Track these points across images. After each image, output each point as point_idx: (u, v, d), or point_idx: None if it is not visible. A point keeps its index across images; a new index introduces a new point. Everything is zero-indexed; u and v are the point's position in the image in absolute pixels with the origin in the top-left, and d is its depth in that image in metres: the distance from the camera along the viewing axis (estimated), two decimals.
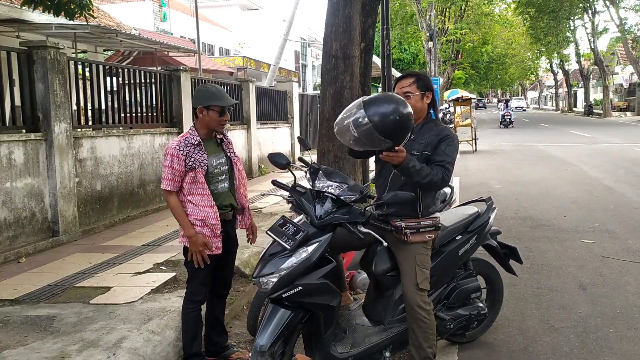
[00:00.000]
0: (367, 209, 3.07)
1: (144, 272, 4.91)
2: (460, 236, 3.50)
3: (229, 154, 3.47)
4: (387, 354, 3.28)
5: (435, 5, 28.42)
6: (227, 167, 3.43)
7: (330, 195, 3.02)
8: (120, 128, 7.76)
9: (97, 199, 6.94)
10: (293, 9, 18.20)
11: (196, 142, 3.27)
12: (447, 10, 31.12)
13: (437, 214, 3.25)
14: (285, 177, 3.94)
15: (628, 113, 42.48)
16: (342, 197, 3.02)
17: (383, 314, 3.28)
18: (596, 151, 16.85)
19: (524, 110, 37.08)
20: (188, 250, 3.34)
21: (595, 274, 5.32)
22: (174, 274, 4.78)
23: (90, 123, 7.18)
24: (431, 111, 3.23)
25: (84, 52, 15.39)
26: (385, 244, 2.96)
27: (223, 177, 3.40)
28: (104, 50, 17.40)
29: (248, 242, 3.75)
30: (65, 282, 4.69)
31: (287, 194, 3.19)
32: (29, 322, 3.80)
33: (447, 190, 4.89)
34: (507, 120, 30.78)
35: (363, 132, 2.76)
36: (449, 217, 3.59)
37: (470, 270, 3.68)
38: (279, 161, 3.30)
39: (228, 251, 3.51)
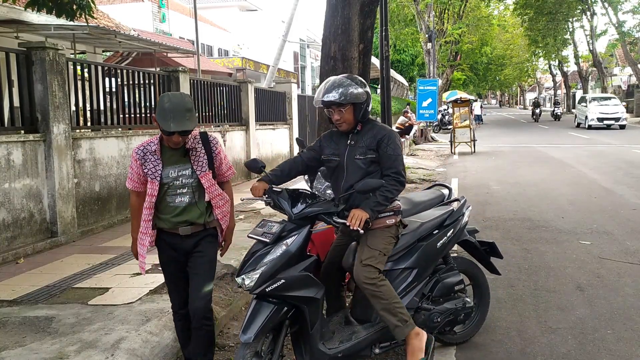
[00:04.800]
0: (340, 199, 3.17)
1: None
2: (437, 231, 3.59)
3: (194, 168, 3.07)
4: (377, 350, 3.31)
5: (433, 6, 28.43)
6: (192, 180, 3.06)
7: (304, 191, 3.16)
8: (119, 129, 7.76)
9: (95, 199, 6.94)
10: (292, 10, 18.23)
11: (152, 150, 3.02)
12: (445, 11, 31.15)
13: (397, 201, 3.30)
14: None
15: (627, 114, 42.49)
16: (315, 192, 3.11)
17: (369, 311, 3.31)
18: (594, 153, 16.87)
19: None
20: None
21: (593, 275, 5.33)
22: None
23: (88, 124, 7.17)
24: (368, 109, 3.25)
25: (83, 52, 15.38)
26: (361, 231, 3.01)
27: (185, 191, 3.06)
28: (103, 51, 17.39)
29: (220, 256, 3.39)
30: (64, 283, 4.69)
31: (264, 197, 3.23)
32: (28, 322, 3.80)
33: (445, 191, 4.90)
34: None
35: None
36: (425, 215, 3.69)
37: (452, 264, 3.77)
38: (254, 166, 3.32)
39: (193, 270, 3.13)
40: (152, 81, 8.55)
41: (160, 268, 5.02)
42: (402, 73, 39.26)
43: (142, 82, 8.35)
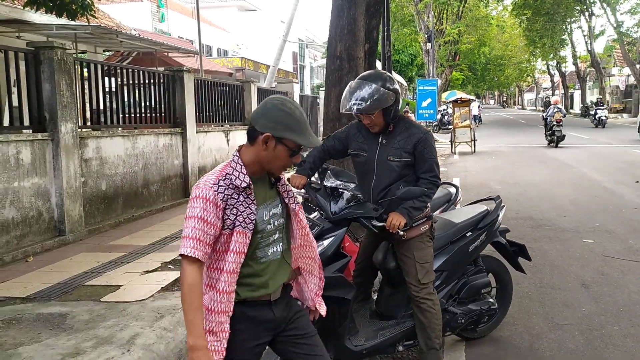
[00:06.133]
0: (379, 204, 3.13)
1: (153, 270, 4.97)
2: (470, 233, 3.57)
3: (286, 200, 2.27)
4: (400, 348, 3.35)
5: (432, 7, 28.53)
6: (282, 220, 2.24)
7: (344, 191, 3.09)
8: (119, 129, 7.79)
9: (102, 198, 6.98)
10: (292, 10, 18.29)
11: (243, 185, 2.07)
12: (444, 11, 31.27)
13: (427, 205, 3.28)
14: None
15: (625, 115, 42.64)
16: (355, 194, 3.10)
17: (395, 309, 3.34)
18: (594, 153, 16.95)
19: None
20: None
21: (597, 272, 5.39)
22: None
23: (95, 123, 7.21)
24: (398, 108, 3.17)
25: (84, 52, 15.40)
26: (401, 232, 2.98)
27: (277, 237, 2.21)
28: (104, 51, 17.42)
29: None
30: (75, 281, 4.73)
31: (302, 191, 3.24)
32: (42, 319, 3.84)
33: (452, 190, 4.95)
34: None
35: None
36: (459, 215, 3.67)
37: (480, 267, 3.75)
38: None
39: (305, 351, 2.26)
40: (156, 81, 8.59)
41: (169, 266, 5.11)
42: (401, 73, 39.31)
43: (146, 81, 8.39)
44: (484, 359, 3.61)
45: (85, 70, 7.00)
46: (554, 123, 18.95)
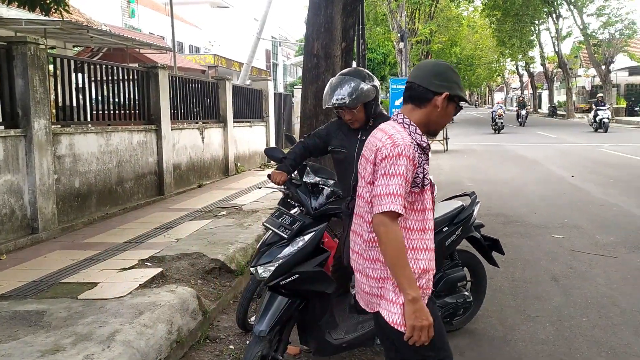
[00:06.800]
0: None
1: (130, 268, 4.93)
2: (446, 228, 3.66)
3: None
4: (378, 341, 3.41)
5: (405, 6, 28.81)
6: None
7: (325, 187, 3.16)
8: (90, 125, 7.69)
9: (75, 196, 6.89)
10: (266, 7, 18.25)
11: (424, 145, 2.15)
12: (417, 11, 31.62)
13: None
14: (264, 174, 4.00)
15: (590, 115, 43.75)
16: (335, 190, 3.17)
17: None
18: (562, 151, 17.38)
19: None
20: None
21: (566, 266, 5.57)
22: (160, 269, 4.81)
23: (69, 120, 7.10)
24: (378, 103, 3.25)
25: (53, 47, 15.10)
26: None
27: None
28: (73, 46, 17.11)
29: None
30: (51, 279, 4.68)
31: (283, 187, 3.29)
32: (18, 317, 3.79)
33: None
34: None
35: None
36: (435, 210, 3.75)
37: (457, 261, 3.86)
38: (275, 155, 3.39)
39: None
40: (130, 77, 8.50)
41: (146, 263, 5.09)
42: (374, 72, 39.55)
43: (121, 77, 8.29)
44: (460, 350, 3.71)
45: (58, 66, 6.88)
46: (497, 117, 26.58)
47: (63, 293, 4.30)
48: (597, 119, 25.36)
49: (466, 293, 3.87)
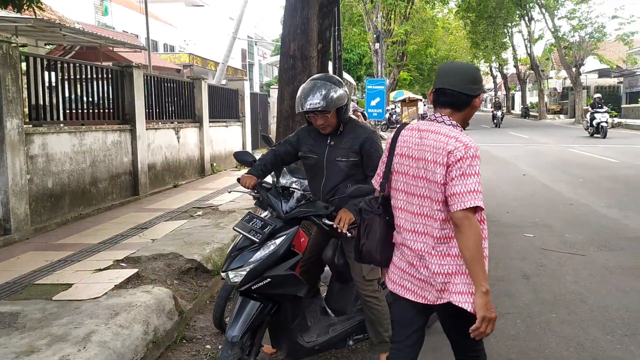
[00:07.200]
0: (329, 202, 3.24)
1: (105, 268, 4.90)
2: None
3: None
4: (351, 342, 3.47)
5: (381, 7, 29.03)
6: None
7: (295, 190, 3.19)
8: (68, 125, 7.60)
9: (48, 196, 6.80)
10: (242, 6, 18.19)
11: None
12: (392, 12, 31.88)
13: None
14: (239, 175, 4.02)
15: (562, 116, 44.67)
16: (305, 193, 3.20)
17: (345, 305, 3.46)
18: (534, 152, 17.72)
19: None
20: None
21: (537, 265, 5.72)
22: (136, 270, 4.79)
23: (42, 119, 7.00)
24: (348, 108, 3.30)
25: (24, 45, 14.82)
26: (349, 234, 3.03)
27: None
28: (45, 44, 16.83)
29: None
30: (24, 280, 4.62)
31: (253, 191, 3.29)
32: None
33: None
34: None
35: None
36: None
37: None
38: (245, 159, 3.40)
39: None
40: (104, 76, 8.41)
41: (121, 264, 5.06)
42: (350, 72, 39.73)
43: (95, 76, 8.20)
44: (433, 347, 3.79)
45: (30, 64, 6.78)
46: None
47: (37, 294, 4.26)
48: (594, 122, 22.74)
49: None
